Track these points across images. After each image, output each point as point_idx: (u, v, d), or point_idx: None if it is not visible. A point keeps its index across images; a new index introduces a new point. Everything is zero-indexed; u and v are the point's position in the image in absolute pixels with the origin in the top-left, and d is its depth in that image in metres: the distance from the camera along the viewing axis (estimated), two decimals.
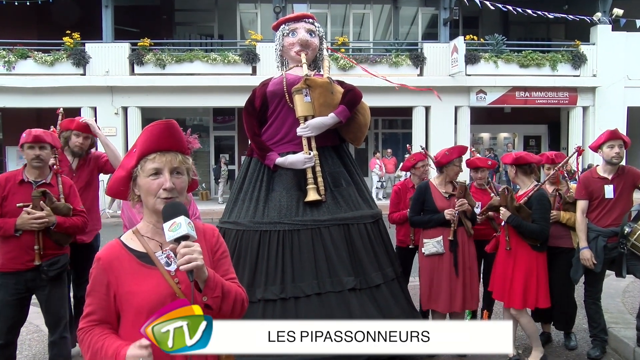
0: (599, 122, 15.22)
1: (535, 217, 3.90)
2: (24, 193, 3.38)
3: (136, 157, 1.76)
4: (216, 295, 1.68)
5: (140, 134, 1.79)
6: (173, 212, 1.65)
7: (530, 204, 3.93)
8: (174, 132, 1.78)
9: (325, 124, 3.95)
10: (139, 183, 1.76)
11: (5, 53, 14.72)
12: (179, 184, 1.75)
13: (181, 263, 1.57)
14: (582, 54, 15.82)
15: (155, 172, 1.73)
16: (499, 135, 19.76)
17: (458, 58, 14.90)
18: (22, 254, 3.34)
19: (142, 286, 1.71)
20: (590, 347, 4.29)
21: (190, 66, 15.06)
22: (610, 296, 5.42)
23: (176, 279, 1.73)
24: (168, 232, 1.61)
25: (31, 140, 3.41)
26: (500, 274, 4.02)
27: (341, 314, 3.60)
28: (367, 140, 18.21)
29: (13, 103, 14.57)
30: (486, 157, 16.49)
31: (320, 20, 10.62)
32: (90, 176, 4.31)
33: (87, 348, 1.68)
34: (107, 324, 1.73)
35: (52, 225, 3.37)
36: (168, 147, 1.76)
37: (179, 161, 1.77)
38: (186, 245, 1.59)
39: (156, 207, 1.73)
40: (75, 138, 4.17)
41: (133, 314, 1.69)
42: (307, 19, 4.25)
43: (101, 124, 14.93)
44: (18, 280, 3.37)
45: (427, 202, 4.24)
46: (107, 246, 1.80)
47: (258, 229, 3.81)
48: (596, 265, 4.07)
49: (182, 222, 1.61)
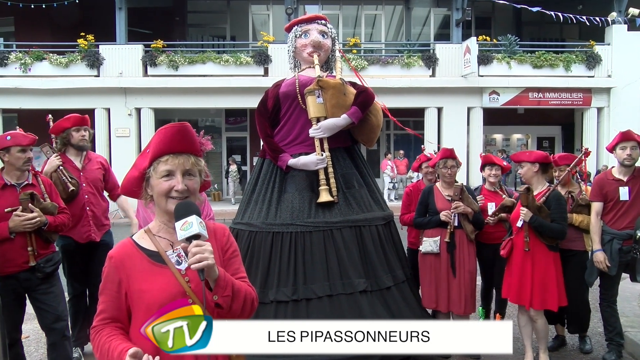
0: (614, 123, 15.04)
1: (555, 216, 3.89)
2: (9, 196, 3.39)
3: (149, 158, 1.78)
4: (227, 294, 1.69)
5: (154, 135, 1.81)
6: (185, 211, 1.67)
7: (549, 203, 3.91)
8: (186, 135, 1.80)
9: (337, 125, 3.95)
10: (152, 184, 1.79)
11: (21, 55, 14.93)
12: (191, 186, 1.78)
13: (192, 262, 1.59)
14: (597, 54, 15.65)
15: (167, 174, 1.75)
16: (512, 136, 19.61)
17: (470, 59, 14.82)
18: (16, 256, 3.37)
19: (153, 284, 1.73)
20: (606, 351, 4.23)
21: (203, 67, 15.15)
22: (626, 299, 5.35)
23: (186, 277, 1.75)
24: (180, 231, 1.63)
25: (26, 144, 3.44)
26: (518, 276, 3.96)
27: (352, 316, 3.59)
28: (379, 141, 18.17)
29: (29, 104, 14.75)
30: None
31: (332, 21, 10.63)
32: (96, 175, 4.32)
33: (97, 348, 1.71)
34: (117, 323, 1.75)
35: (44, 225, 3.40)
36: (181, 150, 1.78)
37: (191, 163, 1.79)
38: (197, 245, 1.61)
39: (168, 207, 1.76)
40: (76, 133, 4.16)
41: (144, 311, 1.71)
42: (319, 21, 4.26)
43: (115, 125, 15.26)
44: (15, 281, 3.41)
45: (430, 204, 4.29)
46: (119, 245, 1.83)
47: (270, 231, 3.81)
48: (611, 268, 4.02)
49: (193, 222, 1.63)
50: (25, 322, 3.87)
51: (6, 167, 3.48)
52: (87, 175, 4.21)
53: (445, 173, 4.26)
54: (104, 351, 1.67)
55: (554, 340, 4.57)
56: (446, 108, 15.71)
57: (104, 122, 15.28)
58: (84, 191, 4.16)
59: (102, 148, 15.24)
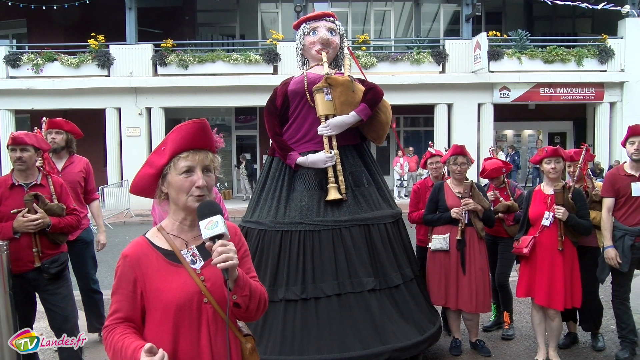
0: (627, 118, 14.84)
1: (582, 212, 3.91)
2: (17, 196, 3.42)
3: (168, 154, 1.78)
4: (245, 294, 1.71)
5: (171, 132, 1.81)
6: (210, 210, 1.68)
7: (574, 200, 3.92)
8: (206, 131, 1.82)
9: (346, 123, 3.94)
10: (170, 181, 1.78)
11: (33, 56, 15.08)
12: (209, 182, 1.79)
13: (218, 261, 1.60)
14: (610, 48, 15.45)
15: (187, 170, 1.76)
16: (523, 132, 19.46)
17: (481, 54, 14.71)
18: (23, 255, 3.40)
19: (170, 284, 1.73)
20: (619, 349, 4.19)
21: (213, 66, 15.20)
22: (639, 296, 5.29)
23: (202, 277, 1.76)
24: (205, 229, 1.64)
25: (11, 143, 3.46)
26: (547, 276, 3.90)
27: (360, 315, 3.59)
28: (389, 138, 18.13)
29: (41, 105, 14.89)
30: (508, 155, 16.37)
31: (341, 18, 10.58)
32: (76, 177, 4.46)
33: (110, 347, 1.71)
34: (131, 322, 1.75)
35: (48, 227, 3.42)
36: (200, 146, 1.79)
37: (209, 159, 1.81)
38: (223, 244, 1.62)
39: (188, 204, 1.76)
40: (49, 136, 4.41)
41: (161, 311, 1.72)
42: (327, 18, 4.24)
43: (125, 124, 15.37)
44: (22, 281, 3.45)
45: (440, 201, 4.27)
46: (133, 243, 1.83)
47: (279, 229, 3.82)
48: (622, 265, 3.98)
49: (219, 221, 1.65)
50: (38, 321, 3.92)
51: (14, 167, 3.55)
52: (65, 177, 4.32)
53: (456, 170, 4.24)
54: (117, 349, 1.67)
55: (566, 338, 4.53)
56: (456, 104, 15.62)
57: (115, 122, 15.40)
58: None
59: (112, 148, 15.37)
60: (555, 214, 3.84)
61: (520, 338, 4.71)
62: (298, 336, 3.49)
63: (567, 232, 3.88)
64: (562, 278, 3.85)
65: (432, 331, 3.86)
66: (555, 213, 3.83)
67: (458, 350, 4.32)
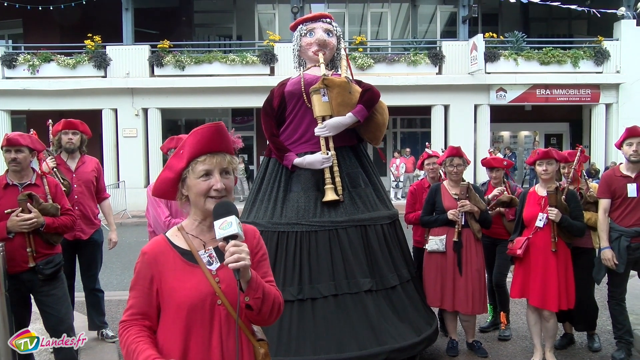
0: (623, 120, 14.91)
1: (576, 214, 3.93)
2: (10, 196, 3.41)
3: (186, 158, 1.79)
4: (257, 296, 1.71)
5: (189, 135, 1.82)
6: (225, 210, 1.68)
7: (568, 201, 3.93)
8: (222, 134, 1.82)
9: (343, 124, 3.94)
10: (189, 184, 1.80)
11: (29, 57, 15.04)
12: (228, 184, 1.80)
13: (230, 261, 1.60)
14: (605, 49, 15.52)
15: (205, 174, 1.77)
16: (520, 133, 19.49)
17: (477, 56, 14.75)
18: (17, 256, 3.39)
19: (185, 283, 1.75)
20: (615, 350, 4.21)
21: (209, 67, 15.19)
22: (635, 297, 5.30)
23: (217, 278, 1.77)
24: (219, 229, 1.64)
25: (6, 144, 3.45)
26: (540, 277, 3.92)
27: (357, 315, 3.60)
28: (386, 139, 18.14)
29: (37, 106, 14.86)
30: (505, 156, 16.41)
31: (338, 19, 10.60)
32: (89, 177, 4.51)
33: (124, 345, 1.74)
34: (146, 320, 1.77)
35: (42, 227, 3.41)
36: (217, 149, 1.80)
37: (227, 162, 1.82)
38: (235, 245, 1.62)
39: (206, 207, 1.78)
40: (64, 136, 4.41)
41: (174, 310, 1.74)
42: (324, 19, 4.24)
43: (122, 125, 15.34)
44: (17, 281, 3.43)
45: (437, 202, 4.28)
46: (153, 241, 1.86)
47: (276, 230, 3.82)
48: (619, 266, 3.99)
49: (232, 221, 1.65)
50: (34, 322, 3.90)
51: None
52: (79, 176, 4.42)
53: (452, 171, 4.25)
54: (130, 351, 1.70)
55: (562, 339, 4.54)
56: (453, 105, 15.65)
57: (112, 123, 15.36)
58: (75, 192, 4.36)
59: (109, 148, 15.33)
60: (549, 216, 3.86)
61: (516, 339, 4.73)
62: (294, 337, 3.49)
63: (560, 234, 3.89)
64: (555, 279, 3.87)
65: (429, 332, 3.86)
66: (549, 214, 3.85)
67: (455, 351, 4.33)
